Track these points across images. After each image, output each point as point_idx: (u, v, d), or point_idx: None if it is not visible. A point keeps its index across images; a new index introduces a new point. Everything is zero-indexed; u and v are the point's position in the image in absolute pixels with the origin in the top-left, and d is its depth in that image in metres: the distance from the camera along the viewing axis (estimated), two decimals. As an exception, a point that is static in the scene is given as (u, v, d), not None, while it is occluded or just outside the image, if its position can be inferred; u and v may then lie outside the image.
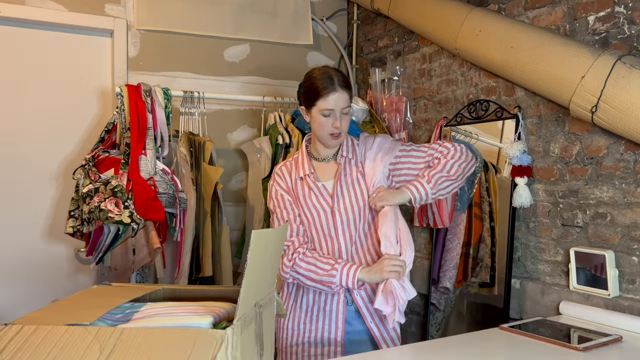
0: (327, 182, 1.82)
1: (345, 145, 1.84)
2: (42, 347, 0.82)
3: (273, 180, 1.89)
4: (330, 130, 1.74)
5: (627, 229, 1.75)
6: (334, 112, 1.72)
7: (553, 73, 1.84)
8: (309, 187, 1.80)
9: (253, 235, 0.92)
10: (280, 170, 1.89)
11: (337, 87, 1.72)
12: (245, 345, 0.94)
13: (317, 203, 1.78)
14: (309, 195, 1.80)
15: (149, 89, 2.42)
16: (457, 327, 2.41)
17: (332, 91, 1.71)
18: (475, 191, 2.34)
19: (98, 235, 2.26)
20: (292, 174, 1.86)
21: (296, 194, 1.82)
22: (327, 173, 1.84)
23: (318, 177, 1.82)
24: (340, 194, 1.78)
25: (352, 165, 1.82)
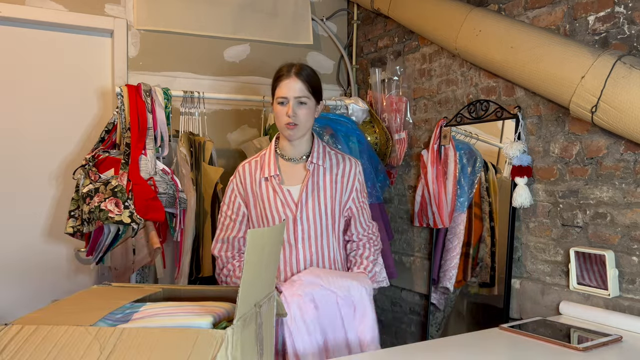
0: (292, 187, 1.79)
1: (316, 151, 1.81)
2: (42, 347, 0.82)
3: (233, 177, 1.88)
4: (284, 120, 1.72)
5: (627, 229, 1.75)
6: (287, 99, 1.71)
7: (553, 73, 1.84)
8: (274, 190, 1.78)
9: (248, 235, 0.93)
10: (243, 168, 1.87)
11: (291, 74, 1.72)
12: (245, 345, 0.94)
13: (280, 208, 1.76)
14: (274, 198, 1.77)
15: (149, 89, 2.42)
16: (457, 327, 2.41)
17: (285, 78, 1.72)
18: (475, 191, 2.34)
19: (98, 235, 2.25)
20: (256, 174, 1.83)
21: (259, 195, 1.79)
22: (293, 176, 1.81)
23: (283, 180, 1.80)
24: (305, 202, 1.76)
25: (321, 173, 1.80)
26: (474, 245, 2.32)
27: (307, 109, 1.73)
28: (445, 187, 2.41)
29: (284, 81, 1.72)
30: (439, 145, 2.48)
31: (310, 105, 1.75)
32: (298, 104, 1.71)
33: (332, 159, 1.84)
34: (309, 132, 1.81)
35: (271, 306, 1.16)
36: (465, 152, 2.38)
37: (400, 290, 2.81)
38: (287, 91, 1.71)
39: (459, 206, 2.37)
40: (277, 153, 1.85)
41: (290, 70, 1.73)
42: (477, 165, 2.34)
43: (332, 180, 1.80)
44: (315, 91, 1.77)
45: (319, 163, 1.79)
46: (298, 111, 1.71)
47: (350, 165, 1.86)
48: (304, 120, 1.73)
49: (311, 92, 1.74)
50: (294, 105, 1.71)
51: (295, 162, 1.82)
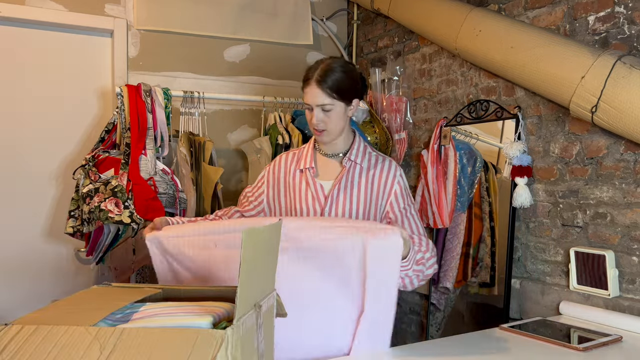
0: (326, 181, 1.73)
1: (355, 149, 1.75)
2: (42, 347, 0.82)
3: (268, 165, 1.86)
4: (312, 125, 1.68)
5: (627, 229, 1.75)
6: (310, 106, 1.66)
7: (553, 73, 1.84)
8: (307, 183, 1.73)
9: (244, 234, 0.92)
10: (280, 158, 1.84)
11: (311, 81, 1.65)
12: (246, 346, 0.94)
13: (310, 201, 1.71)
14: (305, 191, 1.73)
15: (149, 89, 2.42)
16: (457, 327, 2.41)
17: (308, 84, 1.66)
18: (475, 191, 2.34)
19: (98, 235, 2.26)
20: (292, 165, 1.79)
21: (291, 186, 1.75)
22: (328, 171, 1.75)
23: (318, 173, 1.75)
24: (336, 197, 1.69)
25: (357, 171, 1.72)
26: (474, 245, 2.32)
27: (334, 114, 1.66)
28: (445, 187, 2.41)
29: (307, 88, 1.66)
30: (439, 145, 2.48)
31: (337, 110, 1.67)
32: (322, 111, 1.65)
33: (372, 159, 1.76)
34: (344, 131, 1.74)
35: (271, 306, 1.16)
36: (465, 152, 2.38)
37: (400, 290, 2.80)
38: (310, 99, 1.66)
39: (459, 206, 2.37)
40: (316, 148, 1.80)
41: (313, 75, 1.65)
42: (477, 165, 2.34)
43: (368, 180, 1.72)
44: (344, 93, 1.66)
45: (356, 161, 1.72)
46: (323, 118, 1.66)
47: (389, 167, 1.74)
48: (331, 125, 1.67)
49: (337, 96, 1.65)
50: (317, 113, 1.65)
51: (333, 158, 1.76)
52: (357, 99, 1.72)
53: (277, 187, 1.80)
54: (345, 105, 1.68)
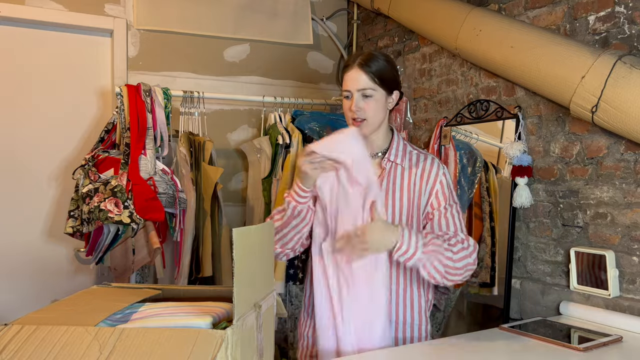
0: None
1: (394, 147, 1.63)
2: (42, 347, 0.82)
3: None
4: (349, 115, 1.57)
5: (628, 229, 1.74)
6: (350, 93, 1.56)
7: (553, 73, 1.84)
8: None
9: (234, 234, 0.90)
10: None
11: (353, 64, 1.56)
12: (245, 346, 0.94)
13: None
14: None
15: (148, 89, 2.42)
16: (457, 327, 2.41)
17: (349, 69, 1.57)
18: (475, 191, 2.34)
19: (98, 235, 2.25)
20: None
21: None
22: None
23: None
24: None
25: (399, 172, 1.61)
26: (474, 245, 2.32)
27: (374, 101, 1.55)
28: (446, 187, 2.41)
29: (348, 73, 1.57)
30: (439, 145, 2.48)
31: (378, 98, 1.56)
32: (362, 97, 1.55)
33: (413, 157, 1.64)
34: (383, 126, 1.63)
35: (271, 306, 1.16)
36: (466, 152, 2.38)
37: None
38: (351, 84, 1.55)
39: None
40: None
41: (355, 60, 1.57)
42: (477, 165, 2.34)
43: (411, 181, 1.60)
44: (386, 81, 1.57)
45: (396, 161, 1.61)
46: (363, 105, 1.55)
47: (432, 164, 1.62)
48: (371, 114, 1.56)
49: (379, 82, 1.55)
50: (357, 99, 1.54)
51: (374, 159, 1.63)
52: (397, 92, 1.63)
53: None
54: (387, 94, 1.59)
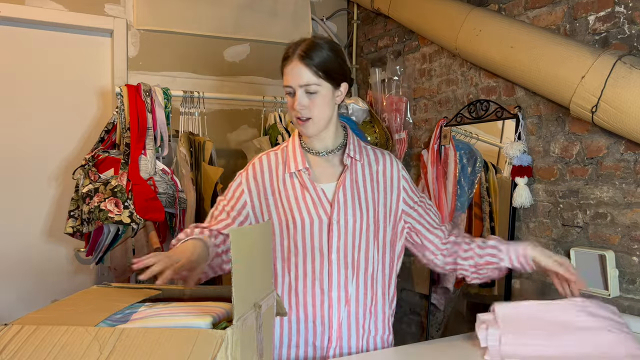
0: (326, 184, 1.47)
1: (352, 143, 1.51)
2: (42, 347, 0.82)
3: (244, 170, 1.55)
4: (293, 112, 1.42)
5: (628, 229, 1.74)
6: (292, 88, 1.40)
7: (553, 73, 1.84)
8: (303, 187, 1.46)
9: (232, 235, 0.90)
10: (260, 161, 1.52)
11: (293, 56, 1.39)
12: (245, 346, 0.94)
13: (312, 209, 1.44)
14: (303, 197, 1.45)
15: (148, 89, 2.42)
16: (457, 327, 2.41)
17: (287, 62, 1.41)
18: (475, 191, 2.34)
19: (98, 235, 2.25)
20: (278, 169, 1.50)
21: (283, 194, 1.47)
22: (325, 173, 1.49)
23: (314, 176, 1.48)
24: (343, 201, 1.44)
25: (359, 169, 1.49)
26: (474, 245, 2.32)
27: (319, 97, 1.40)
28: (445, 187, 2.41)
29: (287, 67, 1.41)
30: (439, 145, 2.48)
31: (324, 93, 1.40)
32: (306, 93, 1.39)
33: (370, 154, 1.53)
34: (333, 122, 1.48)
35: (271, 306, 1.16)
36: (466, 152, 2.38)
37: (400, 291, 2.81)
38: (292, 79, 1.39)
39: (459, 206, 2.36)
40: (303, 147, 1.51)
41: (294, 51, 1.40)
42: (477, 165, 2.34)
43: (373, 178, 1.49)
44: (331, 74, 1.41)
45: (356, 157, 1.49)
46: (307, 102, 1.39)
47: (390, 161, 1.54)
48: (317, 112, 1.40)
49: (324, 76, 1.39)
50: (300, 96, 1.39)
51: (324, 156, 1.49)
52: (346, 83, 1.47)
53: (265, 196, 1.49)
54: (333, 88, 1.43)
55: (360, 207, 1.46)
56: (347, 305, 1.45)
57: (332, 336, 1.45)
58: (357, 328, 1.47)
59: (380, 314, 1.51)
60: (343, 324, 1.45)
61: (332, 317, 1.44)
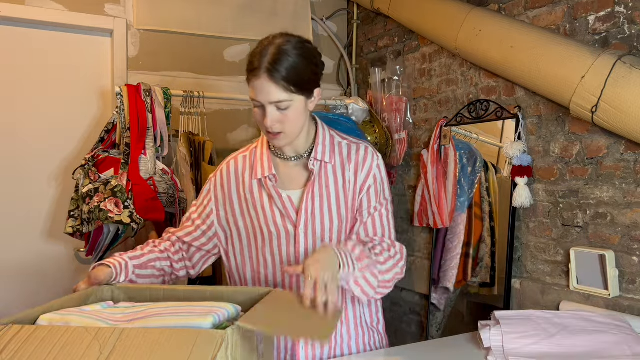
0: (292, 191, 1.39)
1: (320, 144, 1.39)
2: (42, 347, 0.82)
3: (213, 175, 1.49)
4: (263, 127, 1.31)
5: (628, 229, 1.74)
6: (261, 103, 1.28)
7: (553, 73, 1.84)
8: (270, 196, 1.38)
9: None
10: (228, 166, 1.47)
11: (260, 70, 1.25)
12: (246, 346, 0.94)
13: (279, 220, 1.36)
14: (270, 207, 1.37)
15: (148, 89, 2.42)
16: (457, 327, 2.41)
17: (253, 76, 1.27)
18: (475, 191, 2.34)
19: (98, 235, 2.25)
20: (245, 174, 1.43)
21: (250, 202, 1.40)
22: (292, 179, 1.41)
23: (281, 183, 1.40)
24: (311, 211, 1.36)
25: (329, 172, 1.38)
26: (474, 245, 2.32)
27: (292, 112, 1.29)
28: (445, 187, 2.41)
29: (254, 80, 1.27)
30: (439, 145, 2.48)
31: (296, 106, 1.29)
32: (277, 109, 1.28)
33: (343, 150, 1.40)
34: (305, 127, 1.37)
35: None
36: (466, 152, 2.38)
37: (400, 290, 2.81)
38: (260, 95, 1.26)
39: (459, 206, 2.36)
40: (271, 150, 1.43)
41: (261, 64, 1.25)
42: (477, 165, 2.34)
43: (345, 179, 1.39)
44: (303, 85, 1.29)
45: (324, 160, 1.37)
46: (280, 117, 1.28)
47: (365, 156, 1.40)
48: (289, 126, 1.30)
49: (295, 89, 1.27)
50: (271, 113, 1.27)
51: (295, 161, 1.41)
52: (319, 89, 1.35)
53: (230, 204, 1.43)
54: (306, 98, 1.32)
55: (329, 214, 1.37)
56: None
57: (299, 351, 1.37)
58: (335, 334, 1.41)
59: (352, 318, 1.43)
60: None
61: None
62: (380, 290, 1.33)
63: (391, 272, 1.34)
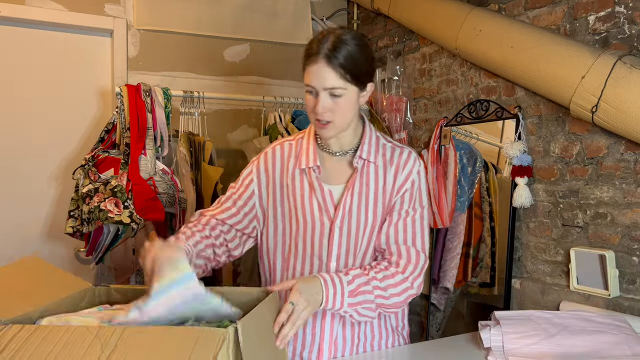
0: (333, 186, 1.39)
1: (366, 143, 1.41)
2: (43, 346, 0.81)
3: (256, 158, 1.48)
4: (313, 115, 1.32)
5: (628, 229, 1.74)
6: (314, 89, 1.29)
7: (553, 73, 1.84)
8: (311, 187, 1.38)
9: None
10: (273, 150, 1.46)
11: (318, 56, 1.27)
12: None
13: (316, 211, 1.37)
14: (309, 198, 1.38)
15: (148, 89, 2.42)
16: (457, 327, 2.41)
17: (310, 62, 1.29)
18: (476, 191, 2.34)
19: (98, 235, 2.25)
20: (290, 162, 1.42)
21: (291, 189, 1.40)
22: (334, 174, 1.41)
23: (324, 176, 1.40)
24: (349, 207, 1.36)
25: (372, 172, 1.39)
26: (474, 245, 2.32)
27: (344, 101, 1.30)
28: (446, 187, 2.41)
29: (311, 65, 1.29)
30: (439, 145, 2.48)
31: (349, 96, 1.30)
32: (330, 96, 1.29)
33: (387, 153, 1.41)
34: (352, 124, 1.39)
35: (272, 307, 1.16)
36: (466, 152, 2.38)
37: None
38: (315, 80, 1.28)
39: (459, 206, 2.36)
40: (318, 142, 1.42)
41: (320, 50, 1.27)
42: (477, 165, 2.34)
43: (386, 181, 1.39)
44: (358, 76, 1.30)
45: (369, 159, 1.38)
46: (331, 106, 1.29)
47: (407, 160, 1.40)
48: (339, 116, 1.31)
49: (350, 78, 1.28)
50: (323, 99, 1.28)
51: (339, 156, 1.41)
52: (372, 84, 1.37)
53: (273, 188, 1.43)
54: (359, 90, 1.33)
55: (366, 212, 1.37)
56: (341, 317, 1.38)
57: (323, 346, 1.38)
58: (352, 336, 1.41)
59: (383, 317, 1.44)
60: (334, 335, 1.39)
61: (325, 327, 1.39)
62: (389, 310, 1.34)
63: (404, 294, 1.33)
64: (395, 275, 1.32)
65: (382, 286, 1.30)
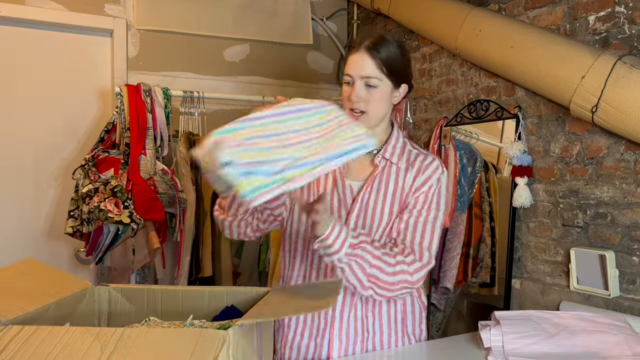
0: (354, 182, 1.43)
1: (391, 145, 1.44)
2: (42, 347, 0.81)
3: None
4: (348, 104, 1.37)
5: (628, 229, 1.74)
6: (352, 78, 1.37)
7: (553, 73, 1.84)
8: (334, 181, 1.43)
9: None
10: None
11: (360, 47, 1.37)
12: (246, 346, 0.94)
13: (335, 204, 1.41)
14: (332, 191, 1.42)
15: (148, 89, 2.42)
16: (457, 327, 2.41)
17: (352, 52, 1.38)
18: (476, 191, 2.34)
19: (98, 235, 2.25)
20: None
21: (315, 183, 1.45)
22: (357, 170, 1.45)
23: (346, 171, 1.45)
24: (366, 202, 1.40)
25: (393, 172, 1.42)
26: (474, 245, 2.32)
27: (378, 92, 1.36)
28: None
29: (353, 55, 1.37)
30: (439, 145, 2.48)
31: (384, 89, 1.37)
32: (365, 86, 1.35)
33: (411, 157, 1.44)
34: (384, 121, 1.44)
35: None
36: (466, 152, 2.38)
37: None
38: (354, 68, 1.36)
39: (459, 206, 2.36)
40: None
41: (362, 42, 1.37)
42: (477, 165, 2.34)
43: (405, 183, 1.42)
44: (395, 71, 1.38)
45: (392, 160, 1.42)
46: (365, 95, 1.35)
47: (429, 164, 1.43)
48: (372, 107, 1.36)
49: (387, 72, 1.36)
50: (359, 88, 1.35)
51: (368, 154, 1.44)
52: (405, 85, 1.45)
53: None
54: (393, 86, 1.40)
55: (382, 210, 1.40)
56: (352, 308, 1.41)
57: (333, 340, 1.41)
58: (362, 330, 1.43)
59: (385, 315, 1.45)
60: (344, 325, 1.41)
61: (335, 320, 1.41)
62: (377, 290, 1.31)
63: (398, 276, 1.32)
64: (396, 256, 1.33)
65: (382, 259, 1.30)
